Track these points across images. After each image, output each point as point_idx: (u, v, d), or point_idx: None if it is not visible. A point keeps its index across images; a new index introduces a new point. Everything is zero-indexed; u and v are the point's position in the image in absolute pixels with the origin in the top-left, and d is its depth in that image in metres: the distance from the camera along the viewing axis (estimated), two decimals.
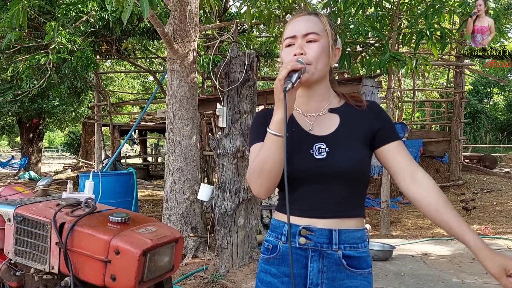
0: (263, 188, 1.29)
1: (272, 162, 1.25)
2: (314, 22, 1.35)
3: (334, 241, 1.30)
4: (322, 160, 1.30)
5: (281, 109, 1.22)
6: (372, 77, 6.23)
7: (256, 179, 1.28)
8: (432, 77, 18.42)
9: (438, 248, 5.24)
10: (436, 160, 10.19)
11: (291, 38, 1.34)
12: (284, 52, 1.36)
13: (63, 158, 26.85)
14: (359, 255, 1.33)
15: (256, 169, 1.28)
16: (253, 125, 1.45)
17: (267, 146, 1.26)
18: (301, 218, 1.32)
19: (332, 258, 1.31)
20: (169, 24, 5.04)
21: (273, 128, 1.24)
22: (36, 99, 10.18)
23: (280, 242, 1.35)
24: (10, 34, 5.64)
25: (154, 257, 1.72)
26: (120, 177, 6.35)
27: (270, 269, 1.36)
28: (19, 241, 1.88)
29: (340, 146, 1.32)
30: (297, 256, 1.32)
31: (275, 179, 1.28)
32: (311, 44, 1.32)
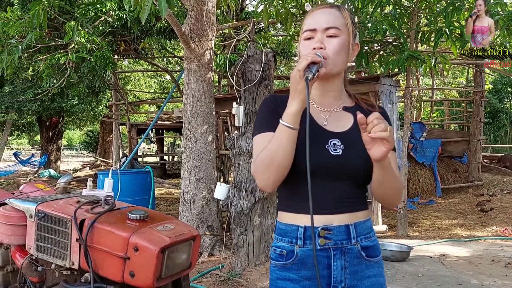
0: (270, 181, 1.25)
1: (282, 154, 1.21)
2: (335, 16, 1.31)
3: (352, 235, 1.30)
4: (338, 156, 1.28)
5: (297, 100, 1.19)
6: (390, 76, 6.17)
7: (263, 171, 1.24)
8: (451, 76, 18.15)
9: (457, 250, 5.16)
10: (455, 160, 10.04)
11: (311, 31, 1.30)
12: (302, 45, 1.33)
13: (82, 156, 27.22)
14: (373, 244, 1.35)
15: (264, 160, 1.23)
16: (261, 111, 1.39)
17: (278, 138, 1.22)
18: (317, 216, 1.26)
19: (353, 252, 1.31)
20: (186, 24, 5.07)
21: (287, 119, 1.20)
22: (55, 98, 10.35)
23: (296, 246, 1.31)
24: (31, 34, 5.73)
25: (172, 254, 1.74)
26: (137, 175, 6.42)
27: (289, 275, 1.32)
28: (41, 237, 1.91)
29: (354, 145, 1.31)
30: (319, 258, 1.29)
31: (284, 172, 1.24)
32: (332, 39, 1.29)
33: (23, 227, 1.98)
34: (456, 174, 9.87)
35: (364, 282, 1.32)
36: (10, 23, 6.01)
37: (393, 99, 6.10)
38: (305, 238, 1.30)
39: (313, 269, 1.29)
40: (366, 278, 1.32)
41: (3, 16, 6.25)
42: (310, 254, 1.30)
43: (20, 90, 9.91)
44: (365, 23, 5.83)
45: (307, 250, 1.30)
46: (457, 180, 9.82)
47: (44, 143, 14.65)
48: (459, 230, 6.58)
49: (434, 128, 11.83)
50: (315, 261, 1.22)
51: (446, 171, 9.78)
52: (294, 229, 1.32)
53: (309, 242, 1.29)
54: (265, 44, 6.64)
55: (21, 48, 5.87)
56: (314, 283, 1.30)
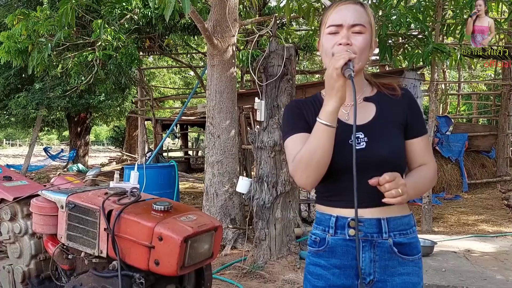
0: (310, 179, 1.27)
1: (321, 152, 1.23)
2: (360, 13, 1.32)
3: (384, 229, 1.30)
4: (361, 150, 1.29)
5: (335, 98, 1.21)
6: (414, 70, 6.10)
7: (303, 171, 1.26)
8: (479, 68, 17.72)
9: (482, 245, 5.08)
10: (482, 155, 9.83)
11: (337, 26, 1.31)
12: (326, 39, 1.34)
13: (108, 151, 27.80)
14: (409, 241, 1.33)
15: (303, 160, 1.25)
16: (287, 116, 1.42)
17: (317, 137, 1.24)
18: (348, 209, 1.30)
19: (384, 246, 1.31)
20: (209, 20, 5.14)
21: (325, 118, 1.22)
22: (83, 94, 10.60)
23: (328, 234, 1.34)
24: (60, 32, 5.91)
25: (194, 244, 1.80)
26: (162, 169, 6.55)
27: (319, 261, 1.36)
28: (71, 227, 2.01)
29: (379, 135, 1.32)
30: (348, 248, 1.32)
31: (323, 170, 1.26)
32: (357, 36, 1.30)
33: (55, 217, 2.08)
34: (484, 169, 9.67)
35: (395, 279, 1.31)
36: (40, 22, 6.21)
37: (417, 93, 6.04)
38: (336, 227, 1.33)
39: (343, 258, 1.32)
40: (397, 275, 1.31)
41: (33, 15, 6.45)
42: (340, 243, 1.33)
43: (50, 87, 10.20)
44: (389, 17, 5.78)
45: (338, 239, 1.33)
46: (484, 175, 9.62)
47: (72, 138, 15.04)
48: (486, 225, 6.47)
49: (460, 122, 11.60)
50: (358, 248, 1.26)
51: (473, 166, 9.59)
52: (327, 218, 1.35)
53: (340, 232, 1.32)
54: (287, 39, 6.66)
55: (51, 46, 6.06)
56: (343, 272, 1.33)
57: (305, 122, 1.35)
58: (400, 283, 1.31)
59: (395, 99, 1.39)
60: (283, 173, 4.28)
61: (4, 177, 2.64)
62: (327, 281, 1.34)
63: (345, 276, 1.33)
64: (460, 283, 3.73)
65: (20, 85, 10.91)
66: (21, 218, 2.42)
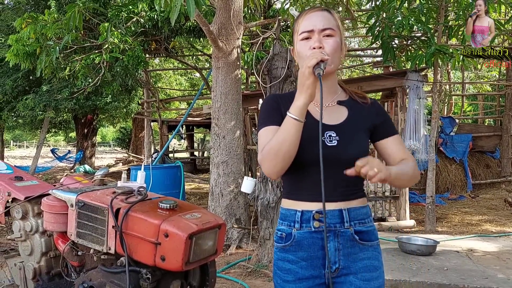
0: (276, 169, 1.34)
1: (289, 144, 1.30)
2: (328, 18, 1.43)
3: (345, 219, 1.40)
4: (333, 147, 1.39)
5: (305, 95, 1.29)
6: (417, 71, 6.14)
7: (271, 160, 1.33)
8: (485, 69, 17.67)
9: (485, 245, 5.11)
10: (487, 156, 9.83)
11: (308, 32, 1.41)
12: (300, 45, 1.43)
13: (115, 152, 27.94)
14: (367, 229, 1.44)
15: (272, 149, 1.32)
16: (264, 108, 1.50)
17: (286, 129, 1.31)
18: (314, 203, 1.40)
19: (346, 235, 1.41)
20: (214, 23, 5.22)
21: (294, 112, 1.30)
22: (90, 96, 10.69)
23: (294, 229, 1.42)
24: (68, 35, 6.01)
25: (199, 240, 1.87)
26: (168, 170, 6.64)
27: (287, 256, 1.43)
28: (80, 225, 2.09)
29: (349, 136, 1.42)
30: (314, 240, 1.40)
31: (289, 161, 1.34)
32: (328, 39, 1.40)
33: (65, 215, 2.17)
34: (488, 170, 9.67)
35: (357, 264, 1.42)
36: (48, 25, 6.31)
37: (420, 94, 6.07)
38: (301, 221, 1.41)
39: (309, 250, 1.41)
40: (359, 260, 1.42)
41: (41, 18, 6.56)
42: (306, 236, 1.41)
43: (57, 89, 10.29)
44: (392, 19, 5.83)
45: (304, 233, 1.41)
46: (488, 176, 9.62)
47: (79, 139, 15.17)
48: (489, 225, 6.50)
49: (464, 123, 11.60)
50: (325, 234, 1.35)
51: (478, 166, 9.60)
52: (293, 213, 1.43)
53: (305, 225, 1.41)
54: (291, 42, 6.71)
55: (59, 49, 6.16)
56: (310, 263, 1.41)
57: (280, 116, 1.40)
58: (362, 267, 1.42)
59: (365, 106, 1.51)
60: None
61: (15, 177, 2.73)
62: (296, 275, 1.41)
63: (313, 267, 1.41)
64: (461, 281, 3.77)
65: (28, 87, 11.01)
66: (32, 216, 2.51)
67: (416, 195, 8.44)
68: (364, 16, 8.52)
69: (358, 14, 8.90)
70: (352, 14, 6.40)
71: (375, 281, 1.43)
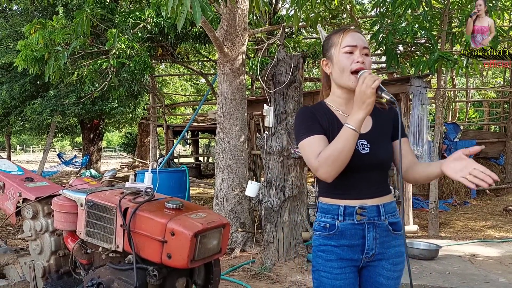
0: (333, 173, 1.53)
1: (347, 152, 1.50)
2: (365, 40, 1.66)
3: (382, 213, 1.64)
4: (367, 154, 1.62)
5: (365, 111, 1.48)
6: (421, 77, 6.19)
7: (329, 165, 1.52)
8: (491, 76, 17.69)
9: (488, 250, 5.14)
10: (491, 162, 9.83)
11: (353, 46, 1.61)
12: (342, 57, 1.62)
13: (120, 157, 28.10)
14: (397, 220, 1.69)
15: (330, 157, 1.51)
16: (303, 119, 1.68)
17: (345, 139, 1.50)
18: (355, 200, 1.63)
19: (382, 226, 1.65)
20: (219, 29, 5.30)
21: (354, 124, 1.49)
22: (96, 101, 10.78)
23: (337, 221, 1.64)
24: (76, 41, 6.12)
25: (204, 239, 1.93)
26: (173, 174, 6.71)
27: (330, 242, 1.65)
28: (90, 223, 2.16)
29: (377, 142, 1.65)
30: (356, 230, 1.63)
31: (344, 167, 1.53)
32: (366, 57, 1.62)
33: (75, 215, 2.23)
34: None
35: (389, 250, 1.67)
36: (56, 31, 6.42)
37: (424, 100, 6.13)
38: (344, 214, 1.63)
39: (351, 238, 1.63)
40: (392, 247, 1.67)
41: (50, 24, 6.67)
42: (349, 227, 1.63)
43: (64, 94, 10.40)
44: (395, 25, 5.89)
45: (347, 224, 1.63)
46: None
47: (85, 144, 15.28)
48: (493, 231, 6.51)
49: (469, 129, 11.61)
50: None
51: None
52: (335, 208, 1.66)
53: (348, 218, 1.63)
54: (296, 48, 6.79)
55: (67, 55, 6.26)
56: (351, 249, 1.64)
57: (320, 126, 1.63)
58: (393, 253, 1.67)
59: (384, 111, 1.73)
60: (291, 177, 4.40)
61: (26, 178, 2.81)
62: (338, 255, 1.64)
63: (353, 252, 1.64)
64: (463, 285, 3.81)
65: (35, 92, 11.13)
66: (42, 216, 2.58)
67: (420, 201, 8.46)
68: (368, 23, 8.59)
69: (362, 20, 8.98)
70: (356, 21, 6.47)
71: (401, 264, 1.69)
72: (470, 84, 15.54)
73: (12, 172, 2.87)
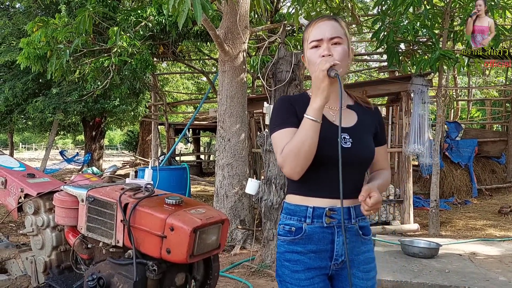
0: (298, 169, 1.41)
1: (309, 145, 1.38)
2: (337, 27, 1.51)
3: (353, 216, 1.52)
4: (348, 149, 1.47)
5: (320, 97, 1.38)
6: (422, 76, 6.20)
7: (291, 161, 1.39)
8: (493, 74, 17.66)
9: (488, 249, 5.14)
10: (493, 161, 9.83)
11: (318, 41, 1.50)
12: (310, 53, 1.52)
13: (122, 155, 28.13)
14: (366, 224, 1.58)
15: (292, 151, 1.39)
16: (278, 111, 1.55)
17: (304, 130, 1.38)
18: (326, 199, 1.49)
19: (352, 230, 1.52)
20: (220, 27, 5.32)
21: (312, 114, 1.38)
22: (98, 99, 10.82)
23: (304, 224, 1.49)
24: (78, 39, 6.14)
25: (203, 235, 1.95)
26: (174, 171, 6.74)
27: (296, 248, 1.50)
28: (90, 219, 2.18)
29: (360, 138, 1.53)
30: (324, 234, 1.49)
31: (310, 161, 1.41)
32: (336, 47, 1.49)
33: (76, 210, 2.26)
34: (494, 175, 9.67)
35: (359, 257, 1.54)
36: (58, 29, 6.44)
37: (425, 99, 6.12)
38: (313, 217, 1.49)
39: (319, 243, 1.49)
40: (361, 253, 1.55)
41: (52, 22, 6.69)
42: (317, 231, 1.49)
43: (66, 92, 10.43)
44: (397, 23, 5.90)
45: (315, 227, 1.49)
46: (494, 181, 9.62)
47: (87, 142, 15.32)
48: (493, 230, 6.52)
49: (470, 128, 11.60)
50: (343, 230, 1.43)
51: (483, 171, 9.60)
52: (303, 209, 1.51)
53: (317, 220, 1.48)
54: (297, 46, 6.80)
55: (69, 52, 6.28)
56: (318, 256, 1.49)
57: (296, 118, 1.48)
58: (363, 260, 1.55)
59: (369, 111, 1.63)
60: None
61: (27, 174, 2.83)
62: (305, 265, 1.49)
63: (320, 259, 1.49)
64: (462, 283, 3.81)
65: (38, 90, 11.16)
66: (43, 212, 2.61)
67: (421, 200, 8.46)
68: (370, 21, 8.59)
69: (364, 18, 8.98)
70: (358, 19, 6.48)
71: (373, 271, 1.57)
72: (472, 83, 15.52)
73: (14, 168, 2.90)
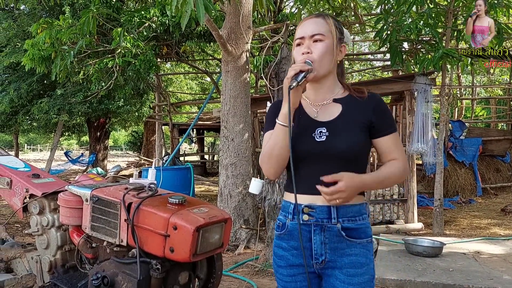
0: (272, 170, 1.51)
1: (279, 147, 1.46)
2: (320, 24, 1.51)
3: (333, 215, 1.48)
4: (321, 142, 1.48)
5: (286, 103, 1.41)
6: (425, 74, 6.19)
7: (266, 162, 1.50)
8: (498, 73, 17.59)
9: (492, 247, 5.14)
10: (497, 160, 9.80)
11: (300, 39, 1.52)
12: (294, 51, 1.55)
13: (127, 156, 28.22)
14: (357, 227, 1.50)
15: (266, 153, 1.49)
16: (269, 114, 1.63)
17: (275, 134, 1.47)
18: (304, 195, 1.49)
19: (332, 230, 1.49)
20: (223, 28, 5.33)
21: (281, 119, 1.45)
22: (103, 100, 10.85)
23: (287, 220, 1.54)
24: (82, 40, 6.17)
25: (206, 233, 1.97)
26: (178, 171, 6.76)
27: (281, 243, 1.56)
28: (94, 218, 2.21)
29: (340, 131, 1.49)
30: (302, 232, 1.50)
31: (282, 163, 1.49)
32: (317, 44, 1.49)
33: (80, 210, 2.28)
34: (498, 174, 9.64)
35: (343, 259, 1.49)
36: (62, 30, 6.48)
37: (428, 97, 6.11)
38: (293, 213, 1.53)
39: (299, 240, 1.50)
40: (346, 255, 1.49)
41: (56, 23, 6.73)
42: (296, 227, 1.51)
43: (71, 93, 10.47)
44: (399, 22, 5.89)
45: (295, 224, 1.52)
46: (499, 180, 9.59)
47: (92, 143, 15.37)
48: (498, 229, 6.50)
49: (474, 127, 11.57)
50: (299, 231, 1.47)
51: (488, 170, 9.57)
52: (288, 205, 1.56)
53: (296, 217, 1.50)
54: None
55: (73, 54, 6.31)
56: (300, 253, 1.52)
57: None
58: (348, 263, 1.49)
59: (361, 101, 1.54)
60: None
61: (33, 175, 2.86)
62: (287, 261, 1.54)
63: (301, 256, 1.50)
64: (466, 282, 3.82)
65: (43, 91, 11.20)
66: (48, 212, 2.64)
67: (425, 199, 8.45)
68: (373, 20, 8.58)
69: (366, 18, 8.97)
70: (360, 19, 6.48)
71: (360, 277, 1.48)
72: (476, 82, 15.46)
73: (19, 169, 2.93)
